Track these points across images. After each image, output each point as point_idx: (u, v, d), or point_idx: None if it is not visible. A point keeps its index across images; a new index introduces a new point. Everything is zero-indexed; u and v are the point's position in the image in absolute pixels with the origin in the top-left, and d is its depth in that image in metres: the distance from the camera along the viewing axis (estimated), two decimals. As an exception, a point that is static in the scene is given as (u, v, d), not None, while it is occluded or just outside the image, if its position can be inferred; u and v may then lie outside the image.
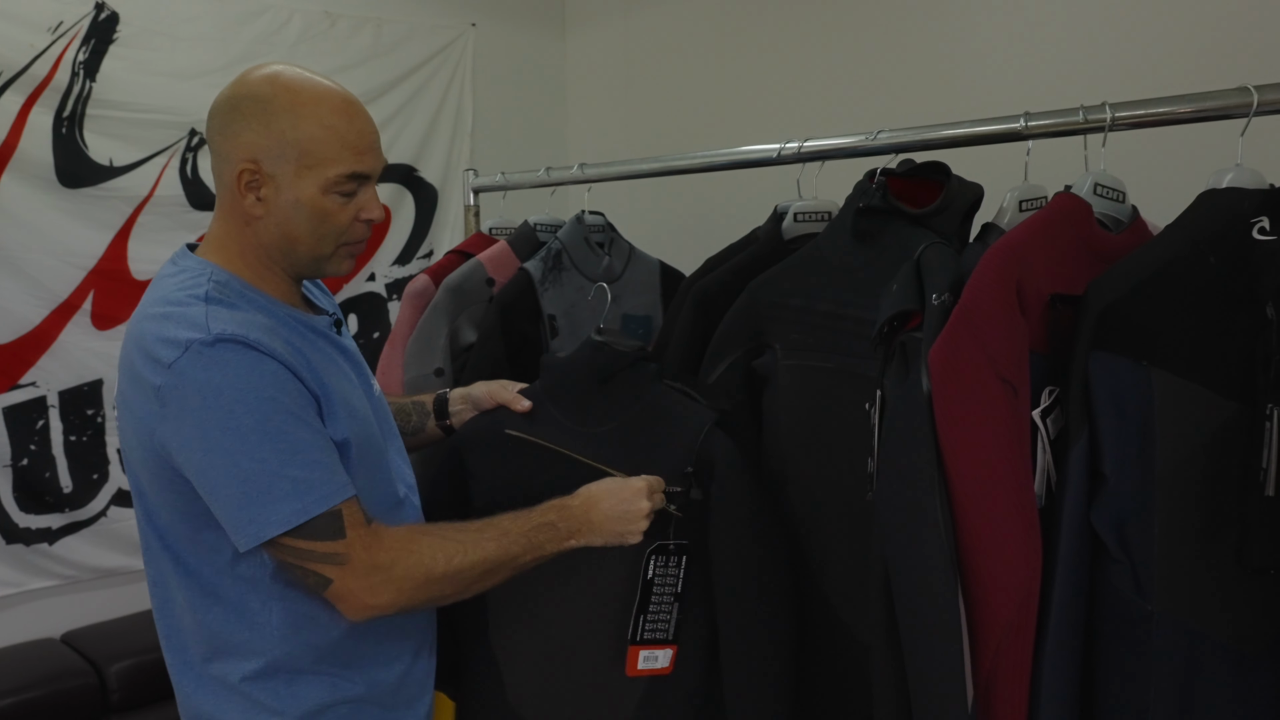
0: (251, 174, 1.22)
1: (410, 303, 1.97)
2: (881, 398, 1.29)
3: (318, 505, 1.16)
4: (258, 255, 1.27)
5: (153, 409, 1.16)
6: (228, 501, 1.15)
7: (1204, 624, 1.18)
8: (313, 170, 1.22)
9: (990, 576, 1.17)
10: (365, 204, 1.27)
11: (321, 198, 1.23)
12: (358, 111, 1.26)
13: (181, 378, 1.14)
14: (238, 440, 1.13)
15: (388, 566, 1.20)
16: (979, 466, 1.17)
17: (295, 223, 1.24)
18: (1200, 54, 1.99)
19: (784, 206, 1.66)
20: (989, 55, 2.38)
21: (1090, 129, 1.31)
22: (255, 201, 1.24)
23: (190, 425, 1.14)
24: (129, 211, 2.84)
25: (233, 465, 1.14)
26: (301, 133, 1.21)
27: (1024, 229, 1.25)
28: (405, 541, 1.23)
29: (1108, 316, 1.17)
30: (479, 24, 3.47)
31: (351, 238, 1.29)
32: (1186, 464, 1.17)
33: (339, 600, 1.20)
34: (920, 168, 1.45)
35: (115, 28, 2.80)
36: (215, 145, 1.25)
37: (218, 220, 1.29)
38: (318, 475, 1.17)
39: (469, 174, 2.46)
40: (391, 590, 1.20)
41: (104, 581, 2.81)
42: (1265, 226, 1.18)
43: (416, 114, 3.35)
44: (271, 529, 1.14)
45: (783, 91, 2.87)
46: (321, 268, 1.31)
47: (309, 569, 1.18)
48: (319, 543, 1.16)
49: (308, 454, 1.17)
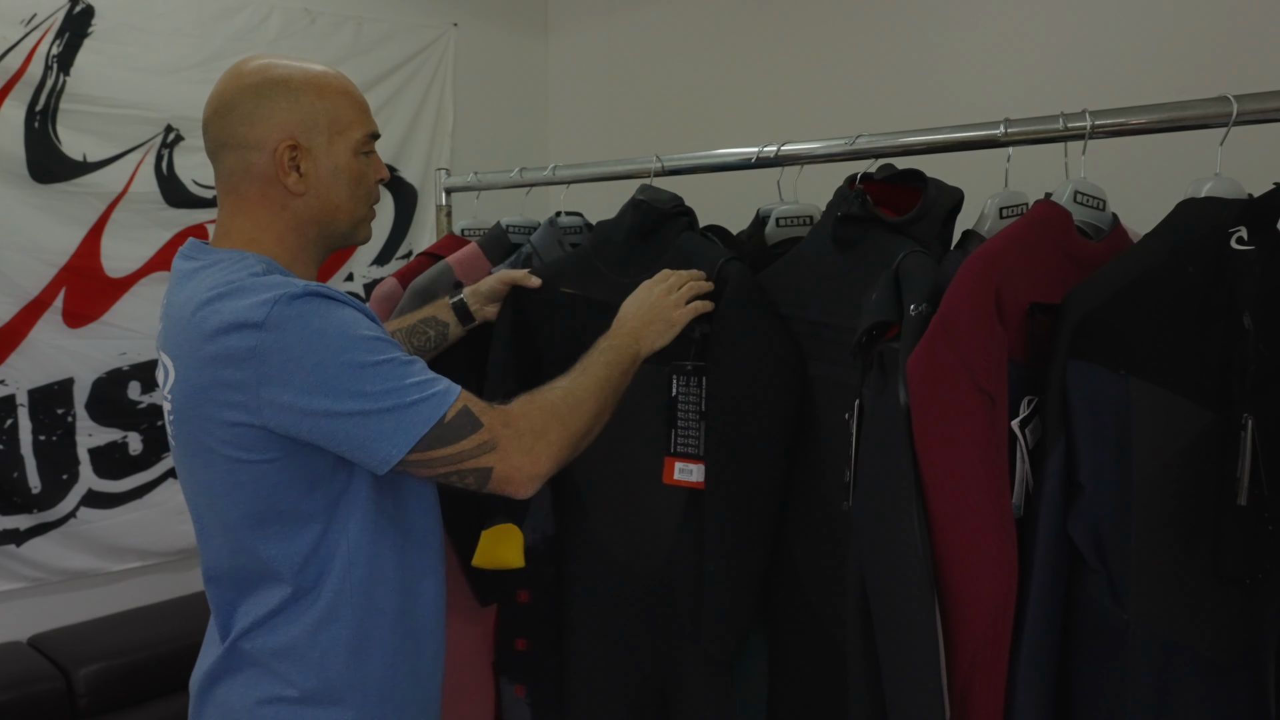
0: (292, 151, 1.26)
1: (377, 306, 1.93)
2: (860, 407, 1.28)
3: (444, 404, 1.18)
4: (295, 236, 1.30)
5: (251, 375, 1.15)
6: (362, 432, 1.16)
7: (1179, 634, 1.17)
8: (343, 135, 1.30)
9: (966, 588, 1.16)
10: (379, 165, 1.38)
11: (354, 161, 1.31)
12: (351, 81, 1.36)
13: (280, 330, 1.14)
14: (355, 372, 1.15)
15: (529, 431, 1.24)
16: (956, 478, 1.16)
17: (336, 189, 1.30)
18: (1180, 64, 2.00)
19: (766, 210, 1.65)
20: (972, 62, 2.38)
21: (1070, 136, 1.30)
22: (298, 178, 1.27)
23: (302, 372, 1.14)
24: (102, 208, 2.80)
25: (359, 396, 1.15)
26: (328, 102, 1.29)
27: (1003, 238, 1.24)
28: (526, 405, 1.27)
29: (1086, 325, 1.16)
30: (460, 24, 3.44)
31: (375, 198, 1.38)
32: (1163, 473, 1.16)
33: (507, 484, 1.22)
34: (897, 174, 1.44)
35: (90, 21, 2.76)
36: (239, 138, 1.26)
37: (240, 215, 1.29)
38: (433, 378, 1.21)
39: (441, 173, 2.42)
40: (545, 448, 1.24)
41: (72, 584, 2.77)
42: (1243, 236, 1.18)
43: (396, 113, 3.32)
44: (415, 436, 1.16)
45: (765, 95, 2.86)
46: (356, 232, 1.37)
47: (466, 470, 1.20)
48: (463, 441, 1.19)
49: (416, 369, 1.20)
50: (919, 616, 1.16)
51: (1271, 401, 1.19)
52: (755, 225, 1.67)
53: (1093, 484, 1.17)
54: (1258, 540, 1.17)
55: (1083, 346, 1.16)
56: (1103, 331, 1.16)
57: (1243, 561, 1.17)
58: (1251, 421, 1.16)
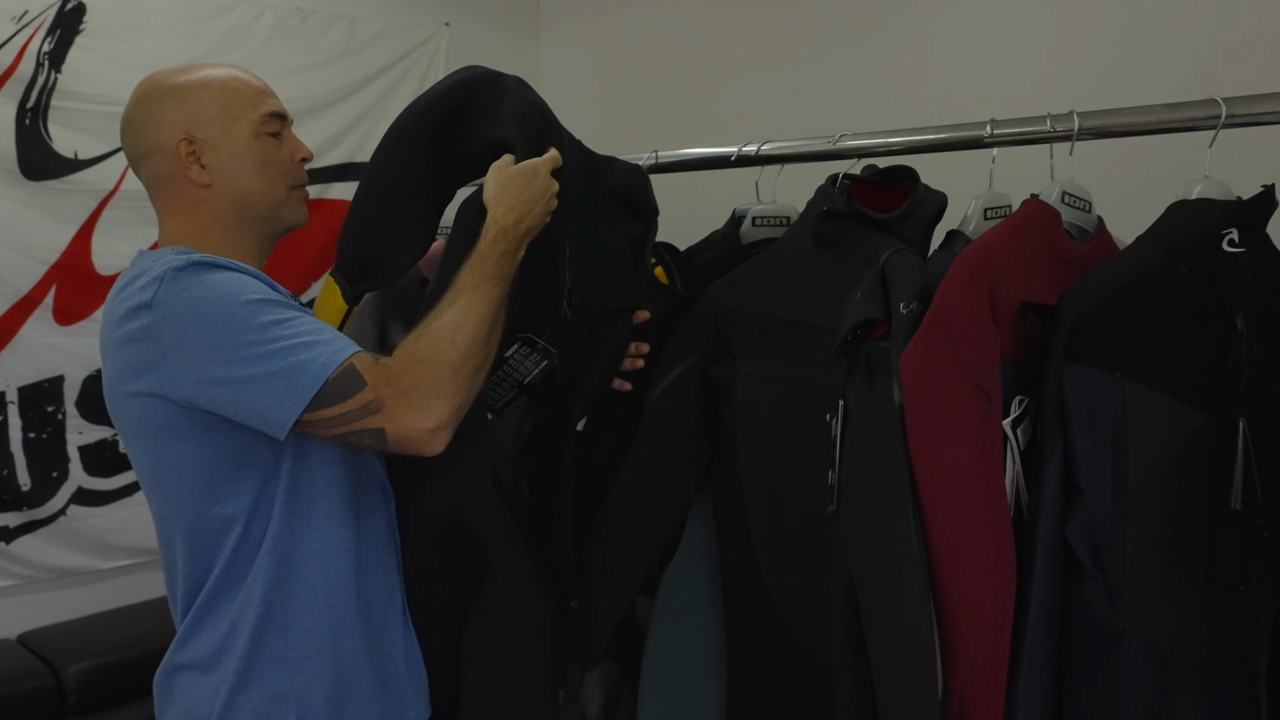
0: (189, 145, 1.25)
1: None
2: (844, 409, 1.25)
3: (331, 362, 1.14)
4: (219, 230, 1.28)
5: (150, 356, 1.15)
6: (255, 394, 1.13)
7: (1175, 640, 1.14)
8: (238, 120, 1.28)
9: (965, 594, 1.12)
10: (295, 145, 1.34)
11: (256, 142, 1.28)
12: (247, 71, 1.34)
13: (166, 306, 1.14)
14: (242, 335, 1.13)
15: (413, 385, 1.17)
16: (953, 478, 1.12)
17: (243, 174, 1.28)
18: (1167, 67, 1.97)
19: (742, 210, 1.59)
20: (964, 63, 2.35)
21: (1058, 138, 1.27)
22: (200, 170, 1.26)
23: (192, 342, 1.13)
24: (94, 205, 2.75)
25: (246, 360, 1.13)
26: (214, 91, 1.28)
27: (995, 235, 1.20)
28: (407, 354, 1.20)
29: (1081, 327, 1.13)
30: (453, 24, 3.40)
31: (296, 180, 1.34)
32: (1158, 477, 1.13)
33: (408, 444, 1.17)
34: (885, 172, 1.41)
35: (82, 18, 2.71)
36: (142, 146, 1.28)
37: (166, 220, 1.30)
38: (326, 338, 1.17)
39: None
40: (435, 398, 1.17)
41: (62, 581, 2.72)
42: (1234, 239, 1.15)
43: (388, 113, 3.24)
44: (305, 396, 1.13)
45: (757, 94, 2.83)
46: (281, 215, 1.32)
47: (358, 430, 1.16)
48: (349, 401, 1.14)
49: (311, 326, 1.17)
50: (916, 624, 1.12)
51: (1265, 404, 1.16)
52: (730, 224, 1.62)
53: (1092, 488, 1.13)
54: (1251, 545, 1.15)
55: (1079, 348, 1.13)
56: (1098, 333, 1.13)
57: (1237, 567, 1.14)
58: (1244, 425, 1.14)
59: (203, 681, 1.23)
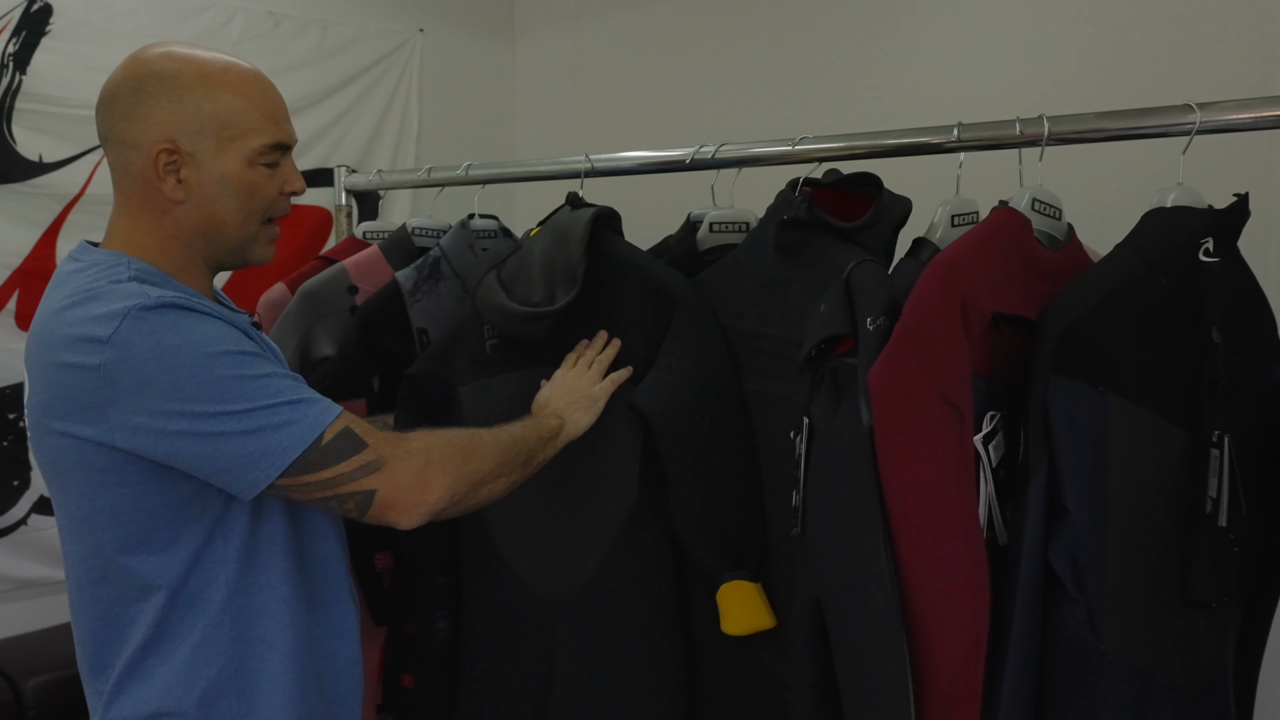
0: (169, 155, 1.10)
1: (263, 314, 1.73)
2: (809, 426, 1.17)
3: (319, 425, 1.05)
4: (178, 246, 1.14)
5: (96, 395, 1.02)
6: (225, 456, 1.02)
7: (1152, 663, 1.08)
8: (235, 142, 1.12)
9: (937, 618, 1.04)
10: (289, 176, 1.18)
11: (247, 171, 1.13)
12: (267, 81, 1.17)
13: (127, 348, 1.01)
14: (216, 390, 1.02)
15: (423, 454, 1.10)
16: (925, 499, 1.04)
17: (221, 201, 1.13)
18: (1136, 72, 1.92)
19: (698, 215, 1.49)
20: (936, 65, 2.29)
21: (1026, 143, 1.20)
22: (176, 185, 1.11)
23: (155, 392, 1.01)
24: (58, 209, 2.65)
25: (218, 417, 1.01)
26: (219, 104, 1.11)
27: (965, 244, 1.12)
28: (427, 434, 1.14)
29: (1067, 340, 1.05)
30: (427, 29, 3.33)
31: (277, 212, 1.19)
32: (1138, 494, 1.07)
33: (391, 509, 1.08)
34: (848, 178, 1.33)
35: (48, 20, 2.62)
36: (118, 134, 1.12)
37: (122, 215, 1.15)
38: (310, 398, 1.07)
39: (342, 170, 2.19)
40: (439, 477, 1.10)
41: (23, 593, 2.60)
42: (1210, 248, 1.09)
43: (361, 118, 3.21)
44: (285, 460, 1.03)
45: (732, 98, 2.77)
46: (247, 251, 1.19)
47: (346, 493, 1.06)
48: (343, 463, 1.05)
49: (290, 384, 1.07)
50: (888, 650, 1.05)
51: (1235, 418, 1.10)
52: (685, 230, 1.51)
53: (1076, 507, 1.06)
54: (1225, 562, 1.08)
55: (1064, 362, 1.06)
56: (1084, 346, 1.06)
57: (1212, 584, 1.08)
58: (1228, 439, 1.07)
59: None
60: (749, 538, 1.31)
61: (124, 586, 1.09)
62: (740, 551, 1.30)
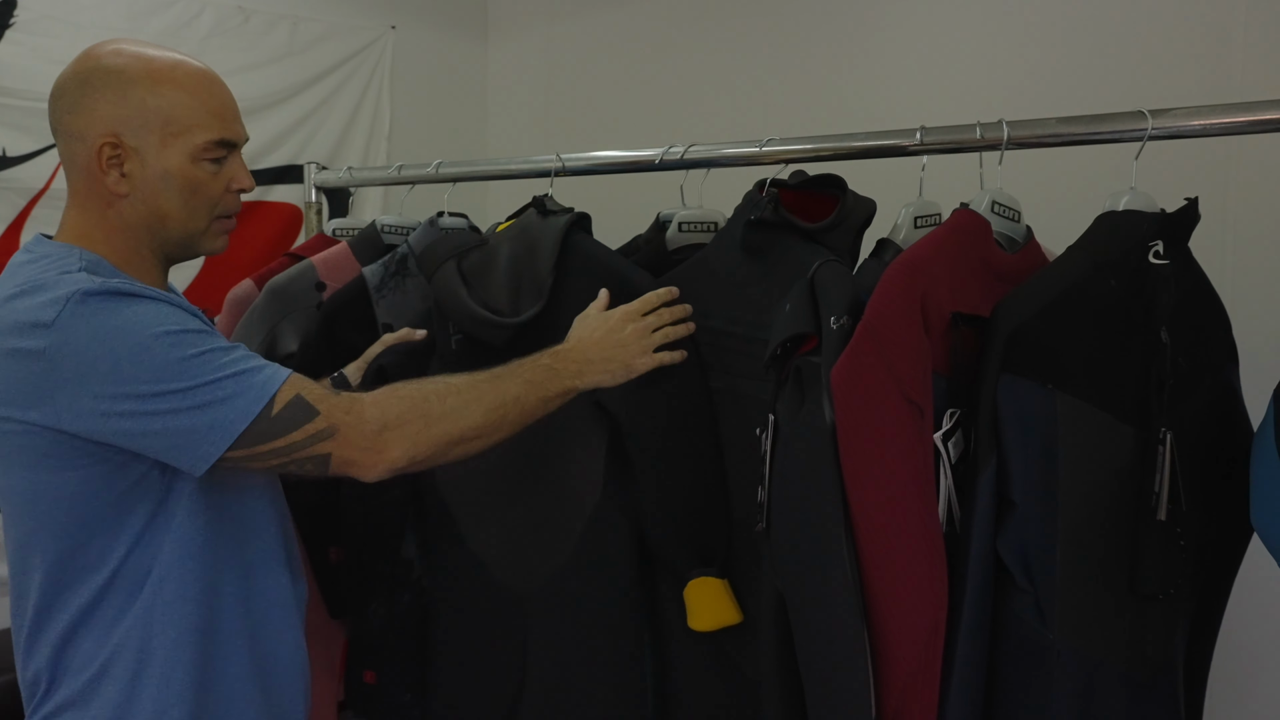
0: (113, 149, 1.11)
1: (230, 311, 1.73)
2: (774, 424, 1.19)
3: (265, 394, 1.06)
4: (125, 239, 1.15)
5: (40, 380, 1.03)
6: (171, 433, 1.03)
7: (1101, 652, 1.11)
8: (179, 138, 1.13)
9: (898, 613, 1.06)
10: (236, 173, 1.19)
11: (191, 167, 1.15)
12: (215, 78, 1.19)
13: (69, 331, 1.02)
14: (159, 370, 1.03)
15: (378, 419, 1.10)
16: (887, 494, 1.06)
17: (165, 196, 1.14)
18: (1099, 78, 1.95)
19: (667, 215, 1.51)
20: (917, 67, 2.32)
21: (986, 146, 1.22)
22: (119, 178, 1.12)
23: (99, 376, 1.02)
24: (22, 204, 2.62)
25: (163, 396, 1.03)
26: (164, 99, 1.12)
27: (926, 245, 1.15)
28: (388, 393, 1.14)
29: (1016, 339, 1.08)
30: (399, 26, 3.32)
31: (224, 210, 1.20)
32: (1087, 489, 1.09)
33: (349, 467, 1.10)
34: (813, 180, 1.35)
35: (12, 12, 2.58)
36: (65, 126, 1.14)
37: (73, 208, 1.16)
38: (255, 367, 1.07)
39: (311, 167, 2.18)
40: (397, 439, 1.10)
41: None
42: (1160, 251, 1.12)
43: (331, 115, 3.18)
44: (232, 433, 1.04)
45: (705, 99, 2.79)
46: (195, 245, 1.20)
47: (302, 458, 1.08)
48: (294, 433, 1.06)
49: (236, 357, 1.07)
50: (849, 644, 1.07)
51: (1184, 416, 1.13)
52: (654, 230, 1.53)
53: (1024, 501, 1.08)
54: (1172, 555, 1.11)
55: (1013, 360, 1.08)
56: (1032, 346, 1.08)
57: (1159, 577, 1.11)
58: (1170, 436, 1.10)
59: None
60: (715, 535, 1.32)
61: (63, 569, 1.10)
62: (706, 549, 1.32)
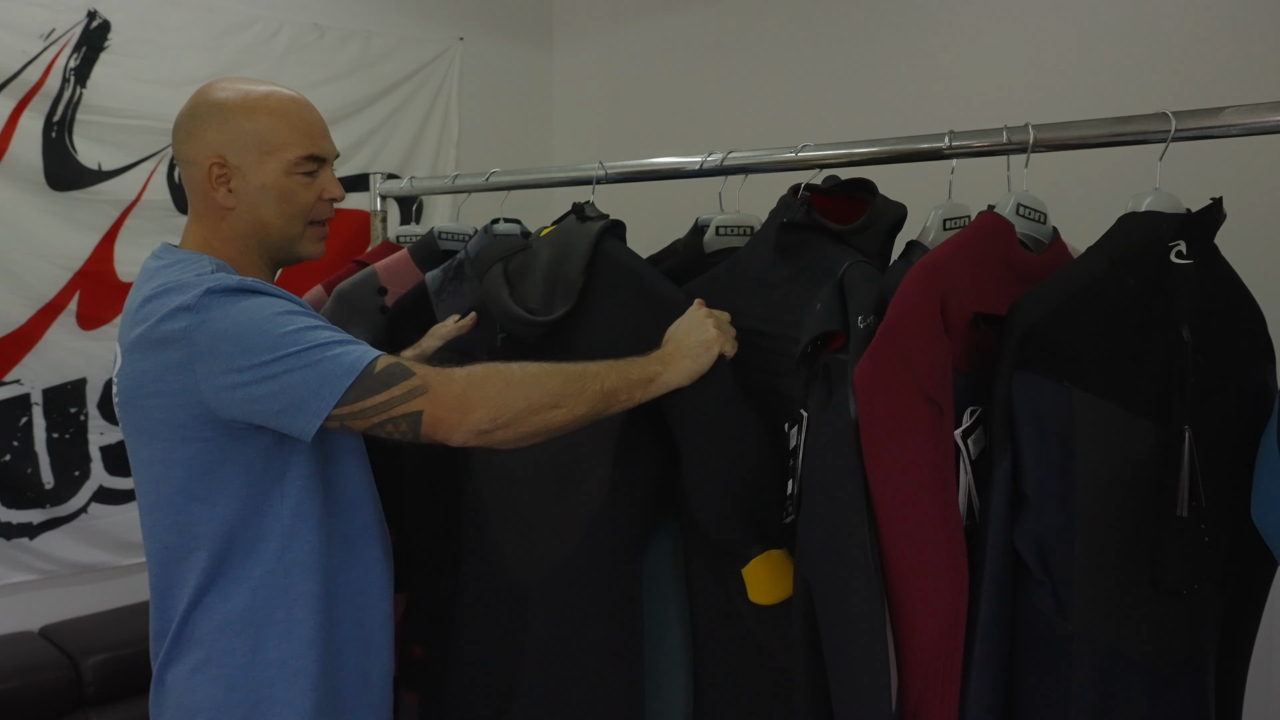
0: (220, 168, 1.30)
1: None
2: (805, 419, 1.24)
3: (367, 356, 1.18)
4: (236, 246, 1.33)
5: (185, 354, 1.19)
6: (286, 392, 1.17)
7: (1121, 644, 1.12)
8: (273, 155, 1.30)
9: (917, 605, 1.10)
10: (326, 184, 1.36)
11: (285, 179, 1.32)
12: (305, 103, 1.36)
13: (206, 314, 1.18)
14: (278, 340, 1.17)
15: (465, 379, 1.19)
16: (906, 488, 1.10)
17: (264, 206, 1.31)
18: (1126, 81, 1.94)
19: (705, 219, 1.57)
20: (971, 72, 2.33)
21: (1013, 149, 1.25)
22: (226, 193, 1.31)
23: (227, 351, 1.17)
24: (116, 215, 2.80)
25: (279, 360, 1.16)
26: (258, 123, 1.30)
27: (948, 247, 1.19)
28: (472, 365, 1.23)
29: (1030, 337, 1.11)
30: (466, 38, 3.43)
31: (317, 216, 1.37)
32: (1106, 484, 1.11)
33: (438, 426, 1.18)
34: (845, 184, 1.39)
35: (106, 36, 2.77)
36: (183, 154, 1.33)
37: (193, 223, 1.35)
38: (354, 341, 1.21)
39: (376, 177, 2.31)
40: (481, 399, 1.18)
41: (83, 576, 2.77)
42: (1182, 250, 1.13)
43: (402, 125, 3.31)
44: (341, 385, 1.16)
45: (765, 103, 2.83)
46: (294, 249, 1.37)
47: (396, 416, 1.18)
48: (394, 388, 1.17)
49: (341, 334, 1.22)
50: (870, 634, 1.11)
51: (1209, 413, 1.14)
52: (693, 234, 1.59)
53: (1038, 495, 1.11)
54: (1195, 551, 1.13)
55: (1027, 358, 1.11)
56: (1047, 343, 1.11)
57: (1182, 572, 1.12)
58: (1189, 433, 1.12)
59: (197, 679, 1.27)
60: (770, 511, 1.35)
61: (191, 534, 1.26)
62: (764, 525, 1.35)
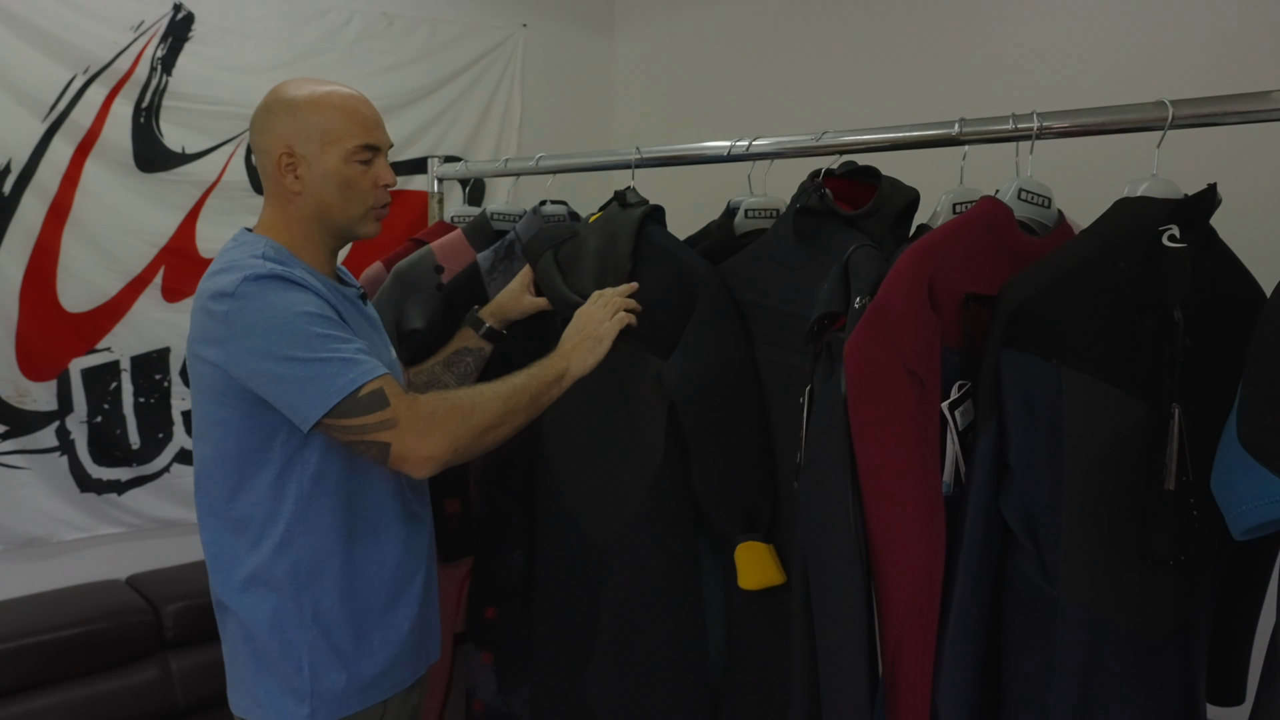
0: (288, 158, 1.45)
1: (365, 288, 1.92)
2: (811, 393, 1.32)
3: (360, 380, 1.32)
4: (301, 228, 1.49)
5: (221, 333, 1.34)
6: (290, 390, 1.32)
7: (1107, 612, 1.18)
8: (334, 145, 1.45)
9: (893, 561, 1.18)
10: (380, 172, 1.51)
11: (344, 167, 1.46)
12: (363, 99, 1.51)
13: (242, 301, 1.33)
14: (294, 338, 1.32)
15: (429, 415, 1.36)
16: (885, 455, 1.18)
17: (327, 190, 1.46)
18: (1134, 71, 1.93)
19: (736, 202, 1.66)
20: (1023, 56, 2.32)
21: (1019, 136, 1.30)
22: (294, 180, 1.46)
23: (255, 335, 1.33)
24: (198, 195, 2.94)
25: (290, 361, 1.32)
26: (322, 116, 1.46)
27: (942, 230, 1.25)
28: (438, 396, 1.42)
29: (1020, 315, 1.17)
30: (530, 24, 3.51)
31: (375, 201, 1.52)
32: (1093, 458, 1.17)
33: (402, 462, 1.35)
34: (854, 170, 1.46)
35: (191, 26, 2.90)
36: (257, 144, 1.49)
37: (266, 206, 1.52)
38: (360, 359, 1.35)
39: (433, 161, 2.41)
40: (440, 435, 1.36)
41: (164, 531, 2.94)
42: (1175, 234, 1.17)
43: (467, 109, 3.40)
44: (329, 402, 1.31)
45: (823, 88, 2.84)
46: (353, 230, 1.51)
47: (369, 441, 1.34)
48: (369, 415, 1.33)
49: (352, 348, 1.36)
50: (851, 586, 1.19)
51: (1199, 392, 1.18)
52: (725, 216, 1.68)
53: (1022, 466, 1.17)
54: (1182, 524, 1.17)
55: (1016, 335, 1.17)
56: (1036, 322, 1.17)
57: (1169, 545, 1.17)
58: (1179, 411, 1.16)
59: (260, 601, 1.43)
60: (760, 504, 1.46)
61: (228, 485, 1.42)
62: (752, 516, 1.46)
